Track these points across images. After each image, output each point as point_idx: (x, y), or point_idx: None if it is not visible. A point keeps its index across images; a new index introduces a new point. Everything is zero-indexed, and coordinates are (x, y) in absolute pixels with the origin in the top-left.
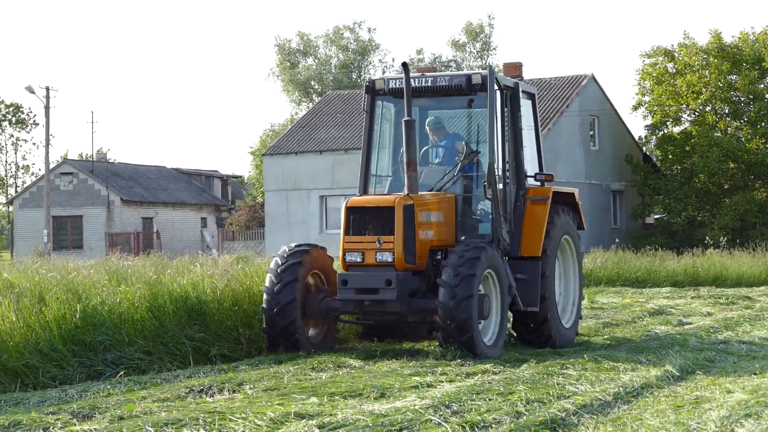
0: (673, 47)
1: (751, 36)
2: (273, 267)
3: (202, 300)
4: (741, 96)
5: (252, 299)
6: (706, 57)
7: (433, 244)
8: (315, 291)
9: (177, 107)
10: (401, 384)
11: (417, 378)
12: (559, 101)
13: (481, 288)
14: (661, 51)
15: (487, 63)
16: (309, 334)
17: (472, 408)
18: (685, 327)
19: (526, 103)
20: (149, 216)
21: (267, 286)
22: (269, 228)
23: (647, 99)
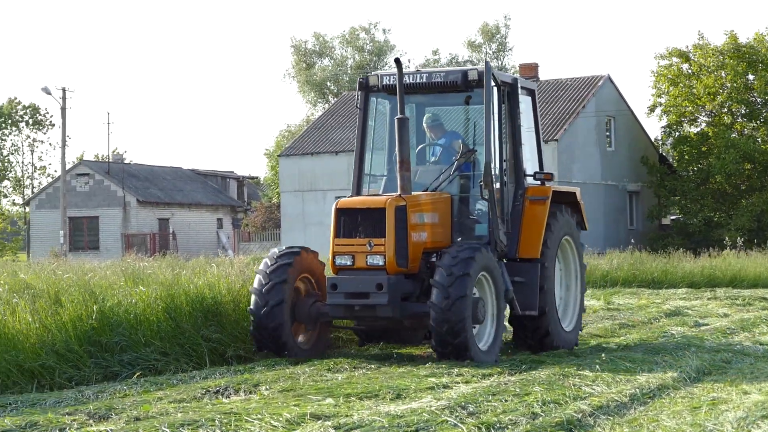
0: (688, 48)
1: (767, 36)
2: (262, 267)
3: (218, 301)
4: (758, 97)
5: None
6: (721, 58)
7: (427, 246)
8: (305, 295)
9: (193, 108)
10: (417, 385)
11: (433, 379)
12: (575, 102)
13: (476, 291)
14: (676, 52)
15: (484, 59)
16: (299, 339)
17: (488, 409)
18: (702, 328)
19: (525, 100)
20: (165, 217)
21: (255, 286)
22: (285, 229)
23: (663, 100)
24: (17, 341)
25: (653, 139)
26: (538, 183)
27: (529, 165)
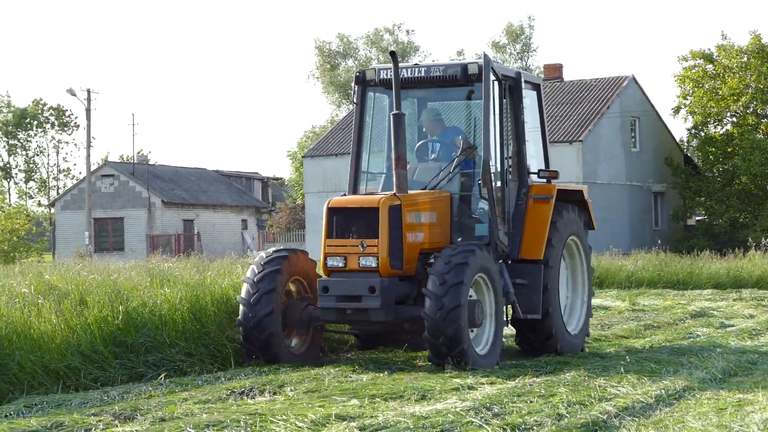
0: (711, 50)
1: None
2: (249, 276)
3: None
4: None
5: None
6: (746, 59)
7: (425, 247)
8: (297, 299)
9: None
10: (442, 386)
11: (458, 380)
12: (600, 102)
13: (474, 293)
14: (699, 54)
15: (483, 52)
16: (291, 344)
17: (513, 410)
18: (727, 329)
19: (530, 95)
20: (190, 218)
21: (243, 296)
22: (309, 230)
23: (687, 102)
24: (42, 342)
25: (678, 140)
26: (543, 181)
27: (534, 162)
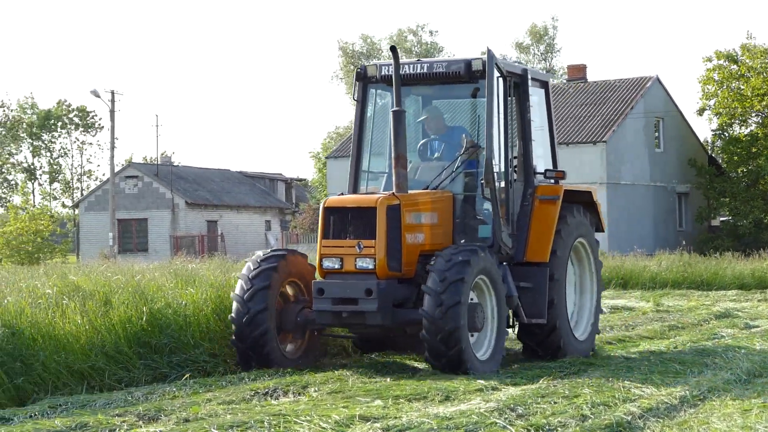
0: (735, 50)
1: None
2: (245, 272)
3: None
4: None
5: None
6: None
7: (425, 248)
8: (293, 301)
9: (241, 110)
10: (466, 387)
11: (482, 381)
12: (624, 103)
13: (475, 297)
14: (723, 55)
15: (487, 47)
16: (286, 349)
17: (537, 411)
18: (752, 330)
19: (537, 92)
20: (214, 219)
21: (236, 292)
22: None
23: (712, 103)
24: (67, 343)
25: (702, 140)
26: (550, 182)
27: (542, 163)
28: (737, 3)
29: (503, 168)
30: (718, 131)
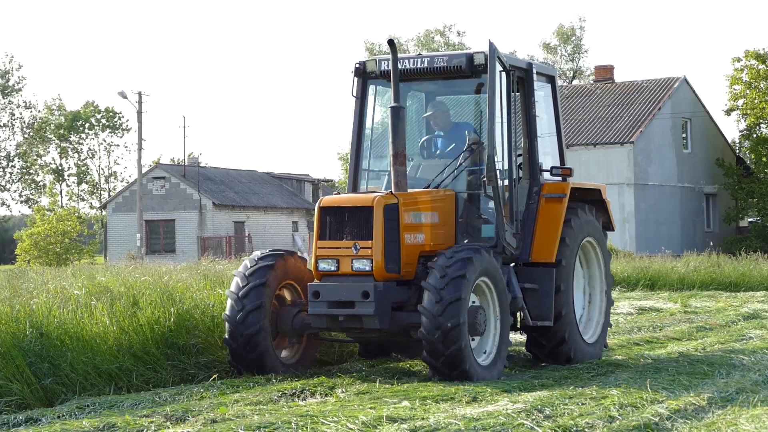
0: (765, 50)
1: None
2: (241, 270)
3: None
4: None
5: None
6: None
7: (425, 249)
8: (289, 305)
9: (268, 111)
10: (493, 388)
11: (509, 382)
12: (651, 104)
13: (476, 300)
14: (753, 55)
15: (488, 39)
16: (282, 354)
17: (564, 412)
18: None
19: (543, 87)
20: (241, 220)
21: (232, 289)
22: None
23: (740, 103)
24: (95, 344)
25: (730, 141)
26: (557, 179)
27: (549, 160)
28: (766, 2)
29: (507, 165)
30: (746, 131)
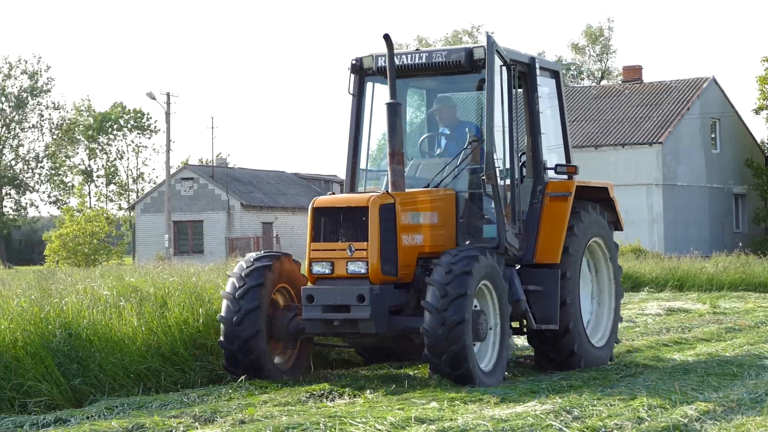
0: None
1: None
2: (236, 271)
3: None
4: None
5: None
6: None
7: (424, 251)
8: (283, 309)
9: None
10: (522, 389)
11: (538, 383)
12: (680, 104)
13: (477, 303)
14: None
15: (486, 33)
16: (276, 360)
17: (593, 413)
18: None
19: (547, 83)
20: (269, 221)
21: (228, 290)
22: None
23: None
24: (123, 344)
25: (759, 141)
26: (562, 177)
27: (554, 158)
28: None
29: (509, 163)
30: None
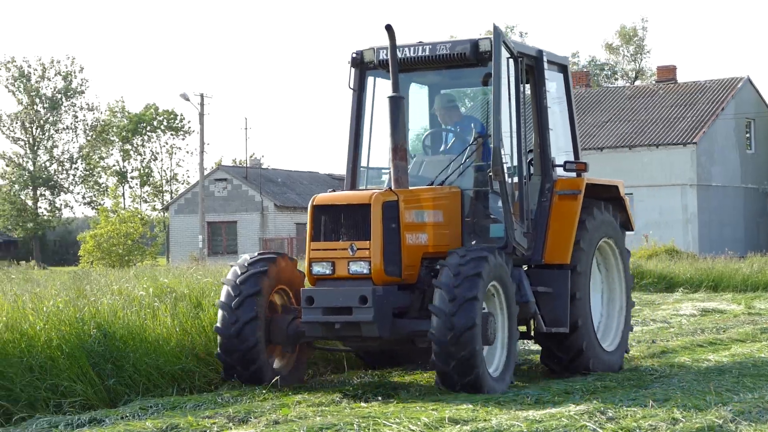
0: None
1: None
2: (230, 277)
3: None
4: None
5: None
6: None
7: (428, 250)
8: (281, 311)
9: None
10: (556, 389)
11: (572, 384)
12: (714, 104)
13: (484, 305)
14: None
15: (493, 23)
16: (274, 365)
17: (627, 414)
18: None
19: (555, 77)
20: (302, 221)
21: (223, 300)
22: None
23: None
24: (158, 345)
25: None
26: (571, 175)
27: (563, 155)
28: None
29: (516, 160)
30: None
